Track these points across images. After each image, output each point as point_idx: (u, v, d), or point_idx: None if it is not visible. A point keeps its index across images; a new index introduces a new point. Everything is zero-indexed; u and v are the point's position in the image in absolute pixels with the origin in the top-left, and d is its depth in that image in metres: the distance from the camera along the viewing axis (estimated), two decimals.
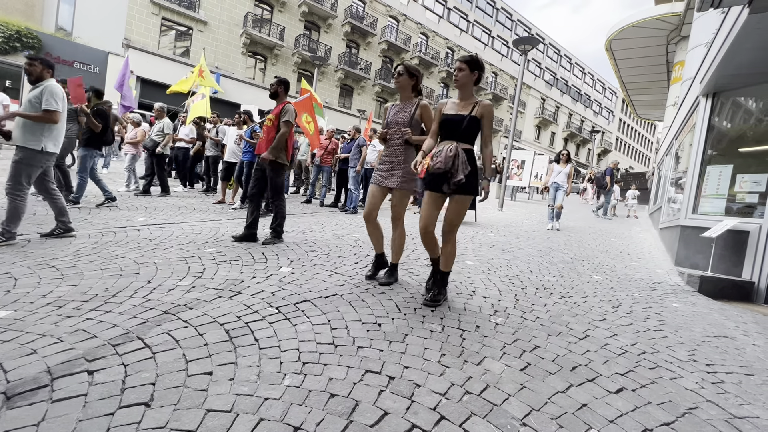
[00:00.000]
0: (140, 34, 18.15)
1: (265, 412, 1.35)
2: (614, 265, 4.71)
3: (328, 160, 7.79)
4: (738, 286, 3.88)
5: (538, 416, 1.48)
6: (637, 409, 1.61)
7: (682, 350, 2.31)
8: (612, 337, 2.38)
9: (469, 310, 2.58)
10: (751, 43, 3.53)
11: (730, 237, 4.10)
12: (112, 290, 2.33)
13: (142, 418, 1.26)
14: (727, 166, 4.54)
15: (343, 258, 3.62)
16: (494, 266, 3.93)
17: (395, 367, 1.73)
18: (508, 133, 19.22)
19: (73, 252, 3.07)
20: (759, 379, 2.05)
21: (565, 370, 1.88)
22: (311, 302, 2.41)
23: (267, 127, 4.01)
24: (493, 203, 11.53)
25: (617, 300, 3.25)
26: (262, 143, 4.06)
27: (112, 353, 1.63)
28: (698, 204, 4.78)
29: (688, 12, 11.91)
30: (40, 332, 1.76)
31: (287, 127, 3.90)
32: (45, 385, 1.39)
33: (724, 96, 4.76)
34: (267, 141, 3.96)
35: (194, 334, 1.86)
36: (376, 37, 26.19)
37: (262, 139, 4.05)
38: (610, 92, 49.36)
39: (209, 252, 3.39)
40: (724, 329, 2.84)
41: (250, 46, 21.29)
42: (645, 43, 15.01)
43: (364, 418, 1.36)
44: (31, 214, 4.31)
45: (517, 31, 36.25)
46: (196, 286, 2.51)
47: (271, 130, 3.97)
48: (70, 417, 1.24)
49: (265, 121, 4.06)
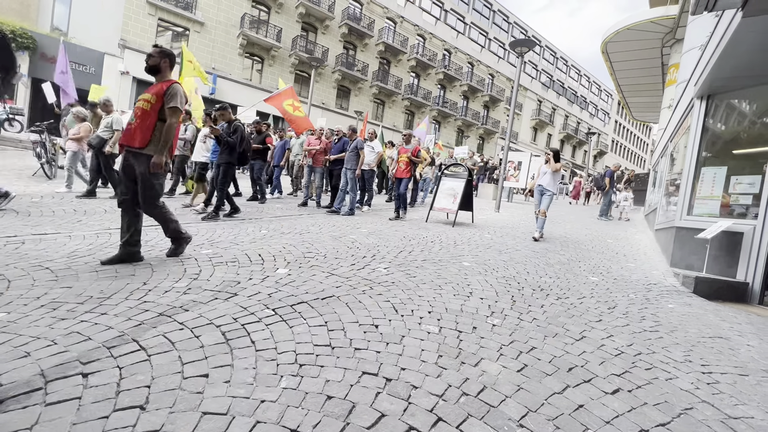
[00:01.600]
0: (136, 35, 18.07)
1: (262, 414, 1.34)
2: (610, 267, 4.73)
3: (320, 161, 7.57)
4: (732, 287, 3.91)
5: (534, 417, 1.49)
6: (633, 410, 1.61)
7: (677, 351, 2.33)
8: (608, 338, 2.39)
9: (466, 311, 2.59)
10: (745, 46, 3.57)
11: (725, 238, 4.14)
12: (107, 292, 2.31)
13: (137, 421, 1.25)
14: (721, 168, 4.58)
15: (340, 260, 3.61)
16: (491, 267, 3.94)
17: (392, 369, 1.73)
18: (504, 135, 19.28)
19: (67, 254, 3.05)
20: (753, 379, 2.06)
21: (561, 371, 1.88)
22: (308, 304, 2.41)
23: (142, 111, 2.93)
24: (490, 205, 11.56)
25: (613, 301, 3.27)
26: (130, 131, 2.95)
27: (107, 356, 1.62)
28: (693, 205, 4.82)
29: (683, 15, 12.02)
30: (33, 335, 1.75)
31: (176, 117, 3.00)
32: (39, 388, 1.38)
33: (718, 98, 4.81)
34: (140, 129, 2.91)
35: (190, 336, 1.85)
36: (373, 38, 26.22)
37: (132, 125, 2.95)
38: (606, 94, 49.67)
39: (205, 253, 3.38)
40: (719, 330, 2.86)
41: (247, 47, 21.25)
42: (640, 46, 15.12)
43: (361, 420, 1.36)
44: (26, 215, 4.28)
45: (513, 33, 36.44)
46: (192, 288, 2.49)
47: (148, 116, 2.92)
48: (64, 420, 1.23)
49: (139, 101, 3.00)
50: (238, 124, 5.43)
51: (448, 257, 4.18)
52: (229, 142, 5.24)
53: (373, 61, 26.82)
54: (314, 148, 7.57)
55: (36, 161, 7.41)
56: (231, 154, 5.31)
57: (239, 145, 5.33)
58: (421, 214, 7.66)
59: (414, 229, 5.79)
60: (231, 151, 5.29)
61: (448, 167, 7.71)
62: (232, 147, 5.27)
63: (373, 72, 26.61)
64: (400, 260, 3.81)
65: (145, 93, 3.00)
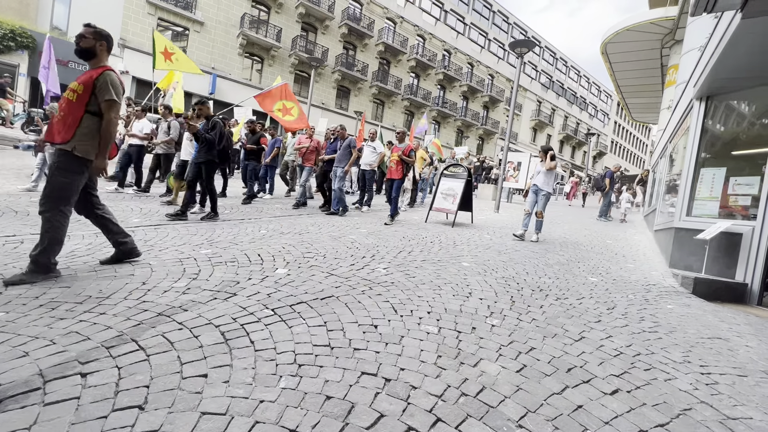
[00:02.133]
0: (136, 34, 18.06)
1: (261, 414, 1.34)
2: (609, 267, 4.74)
3: (310, 160, 7.33)
4: (731, 288, 3.92)
5: (533, 418, 1.49)
6: (632, 411, 1.61)
7: (676, 351, 2.33)
8: (607, 339, 2.39)
9: (465, 311, 2.59)
10: (744, 48, 3.57)
11: (724, 239, 4.14)
12: (106, 292, 2.31)
13: (135, 421, 1.25)
14: (720, 169, 4.58)
15: (340, 260, 3.61)
16: (490, 268, 3.94)
17: (391, 369, 1.73)
18: (504, 135, 19.27)
19: (66, 253, 3.04)
20: (752, 380, 2.06)
21: (560, 372, 1.88)
22: (307, 304, 2.41)
23: (67, 102, 2.52)
24: (489, 205, 11.57)
25: (612, 302, 3.27)
26: (53, 126, 2.57)
27: (105, 356, 1.62)
28: (692, 206, 4.82)
29: (682, 16, 12.04)
30: (32, 334, 1.74)
31: (115, 111, 2.57)
32: (37, 388, 1.38)
33: (717, 99, 4.81)
34: (63, 122, 2.51)
35: (189, 336, 1.85)
36: (373, 38, 26.23)
37: (55, 118, 2.57)
38: (605, 95, 49.74)
39: (204, 253, 3.37)
40: (718, 331, 2.86)
41: (247, 47, 21.25)
42: (640, 47, 15.15)
43: (360, 420, 1.36)
44: (24, 214, 4.27)
45: (513, 34, 36.48)
46: (191, 288, 2.49)
47: (73, 108, 2.51)
48: (62, 420, 1.23)
49: (66, 92, 2.58)
50: (217, 120, 5.30)
51: (448, 257, 4.18)
52: (207, 139, 5.02)
53: (373, 62, 26.83)
54: (304, 146, 7.39)
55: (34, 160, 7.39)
56: (210, 152, 5.10)
57: (218, 142, 5.16)
58: (420, 215, 7.66)
59: (413, 230, 5.79)
60: (210, 148, 5.09)
61: (448, 167, 7.71)
62: (210, 144, 5.07)
63: (373, 72, 26.62)
64: (400, 260, 3.81)
65: (73, 82, 2.56)
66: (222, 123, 5.40)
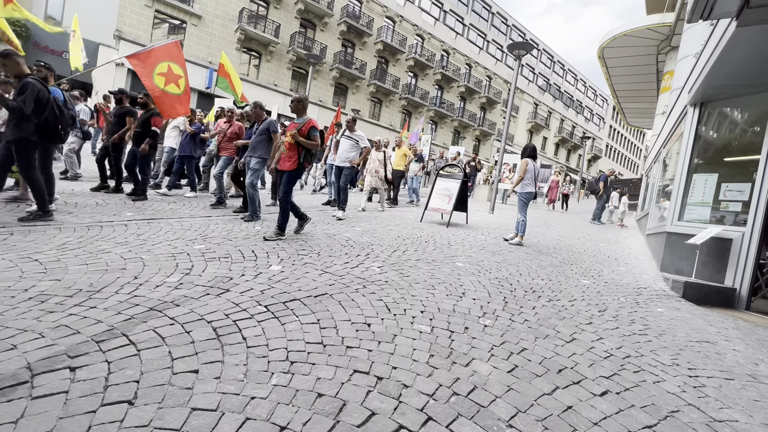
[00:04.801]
0: (132, 26, 17.86)
1: (252, 411, 1.33)
2: (601, 270, 4.78)
3: (228, 148, 5.96)
4: (720, 293, 3.97)
5: (524, 418, 1.50)
6: (620, 412, 1.63)
7: (665, 354, 2.36)
8: (598, 341, 2.41)
9: (458, 311, 2.60)
10: (739, 55, 3.62)
11: (714, 244, 4.20)
12: (97, 285, 2.28)
13: (125, 416, 1.24)
14: (712, 175, 4.64)
15: (334, 257, 3.61)
16: (484, 268, 3.96)
17: (384, 368, 1.73)
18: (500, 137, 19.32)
19: (57, 246, 3.01)
20: (738, 383, 2.09)
21: (551, 373, 1.90)
22: (301, 301, 2.40)
23: None
24: (484, 206, 11.61)
25: (604, 304, 3.30)
26: None
27: (95, 350, 1.60)
28: (684, 211, 4.88)
29: (679, 23, 12.16)
30: (21, 327, 1.72)
31: None
32: (25, 381, 1.36)
33: (711, 106, 4.87)
34: None
35: (181, 331, 1.84)
36: (372, 37, 26.17)
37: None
38: (601, 99, 50.09)
39: (198, 248, 3.35)
40: (706, 334, 2.90)
41: (245, 42, 21.09)
42: (636, 52, 15.29)
43: (352, 418, 1.36)
44: (15, 206, 4.21)
45: (511, 36, 36.57)
46: (183, 283, 2.47)
47: None
48: (50, 414, 1.21)
49: None
50: (29, 80, 3.55)
51: (442, 257, 4.19)
52: (13, 107, 3.49)
53: (372, 60, 26.76)
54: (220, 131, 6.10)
55: None
56: (20, 126, 3.56)
57: (37, 111, 3.58)
58: (416, 214, 7.67)
59: (408, 229, 5.79)
60: (20, 120, 3.56)
61: (443, 168, 7.73)
62: (20, 114, 3.51)
63: (371, 71, 26.57)
64: (394, 259, 3.81)
65: None
66: (42, 83, 3.67)
